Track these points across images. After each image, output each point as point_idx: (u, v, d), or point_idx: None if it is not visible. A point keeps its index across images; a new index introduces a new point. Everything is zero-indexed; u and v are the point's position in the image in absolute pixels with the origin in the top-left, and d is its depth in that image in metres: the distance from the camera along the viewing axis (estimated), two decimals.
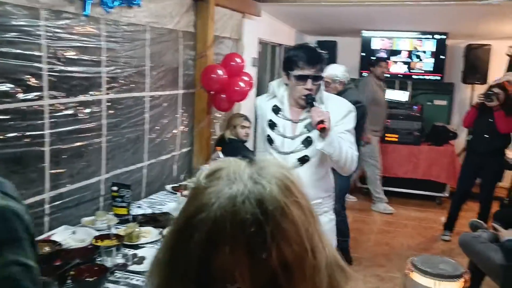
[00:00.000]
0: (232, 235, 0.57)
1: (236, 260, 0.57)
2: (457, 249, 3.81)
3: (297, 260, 0.59)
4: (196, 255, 0.58)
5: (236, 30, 4.53)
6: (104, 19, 2.78)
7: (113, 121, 2.95)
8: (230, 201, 0.59)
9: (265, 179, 0.62)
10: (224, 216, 0.58)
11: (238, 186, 0.60)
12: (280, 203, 0.60)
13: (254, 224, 0.57)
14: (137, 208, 2.98)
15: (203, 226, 0.58)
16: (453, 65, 6.39)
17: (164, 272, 0.64)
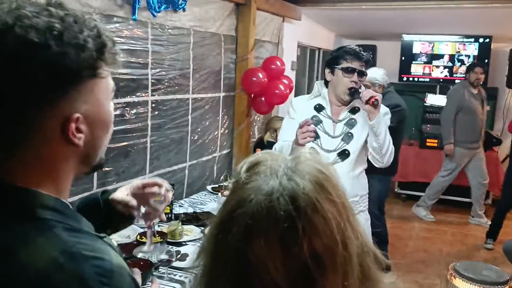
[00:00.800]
0: (267, 230, 0.62)
1: (270, 253, 0.61)
2: (500, 258, 3.72)
3: (328, 252, 0.63)
4: (234, 246, 0.63)
5: (276, 33, 4.57)
6: (151, 23, 2.87)
7: (157, 122, 3.03)
8: (266, 198, 0.63)
9: (299, 176, 0.65)
10: (260, 212, 0.62)
11: (273, 183, 0.65)
12: (312, 199, 0.63)
13: (287, 220, 0.61)
14: (179, 207, 3.04)
15: (242, 220, 0.63)
16: (497, 69, 6.23)
17: (208, 259, 0.69)
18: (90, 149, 0.82)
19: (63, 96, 0.74)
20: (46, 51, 0.71)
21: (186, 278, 2.12)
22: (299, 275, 0.62)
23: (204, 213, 2.94)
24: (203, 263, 0.70)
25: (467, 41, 6.21)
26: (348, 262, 0.65)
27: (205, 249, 0.70)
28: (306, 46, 5.88)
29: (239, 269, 0.63)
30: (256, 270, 0.62)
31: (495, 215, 4.84)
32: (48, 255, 0.72)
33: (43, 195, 0.76)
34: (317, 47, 6.23)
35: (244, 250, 0.62)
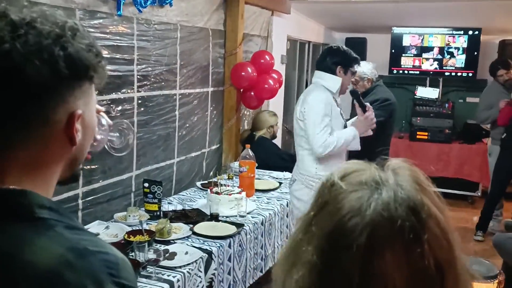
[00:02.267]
0: (393, 241, 0.59)
1: (396, 264, 0.58)
2: (490, 250, 3.73)
3: (449, 266, 0.61)
4: (358, 259, 0.59)
5: (265, 27, 4.53)
6: (137, 18, 2.82)
7: (144, 118, 2.99)
8: (385, 207, 0.60)
9: (406, 182, 0.63)
10: (381, 221, 0.59)
11: (388, 193, 0.61)
12: (430, 208, 0.61)
13: (411, 231, 0.59)
14: (167, 204, 3.01)
15: (362, 230, 0.59)
16: (486, 61, 6.22)
17: (316, 274, 0.62)
18: (79, 152, 0.82)
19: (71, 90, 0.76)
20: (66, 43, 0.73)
21: (175, 277, 2.10)
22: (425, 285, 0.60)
23: (193, 210, 2.92)
24: (307, 277, 0.63)
25: (456, 33, 6.21)
26: (463, 276, 0.63)
27: (307, 263, 0.63)
28: (296, 40, 5.84)
29: (364, 284, 0.59)
30: (382, 284, 0.58)
31: (485, 207, 4.87)
32: (56, 253, 0.71)
33: (39, 196, 0.76)
34: (307, 41, 6.20)
35: (369, 262, 0.59)
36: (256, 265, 2.85)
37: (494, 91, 5.02)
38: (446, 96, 6.55)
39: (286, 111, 5.87)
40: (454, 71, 6.30)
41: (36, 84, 0.72)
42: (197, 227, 2.60)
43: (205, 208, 2.91)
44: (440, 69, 6.36)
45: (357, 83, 4.24)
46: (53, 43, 0.72)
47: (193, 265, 2.22)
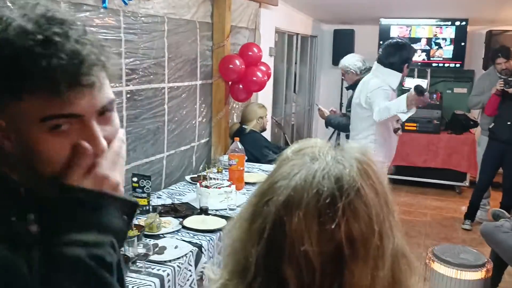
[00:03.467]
0: (307, 203, 0.63)
1: (307, 226, 0.62)
2: (478, 238, 3.78)
3: (363, 238, 0.64)
4: (273, 215, 0.65)
5: (252, 19, 4.51)
6: (123, 11, 2.79)
7: (132, 112, 2.97)
8: (311, 174, 0.65)
9: (346, 161, 0.67)
10: (302, 185, 0.64)
11: (320, 163, 0.67)
12: (357, 183, 0.65)
13: (328, 197, 0.63)
14: (157, 198, 3.00)
15: (284, 191, 0.65)
16: (473, 52, 6.28)
17: (243, 226, 0.70)
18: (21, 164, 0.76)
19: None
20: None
21: (165, 271, 2.09)
22: (331, 255, 0.63)
23: (183, 204, 2.91)
24: (239, 229, 0.71)
25: (443, 24, 6.23)
26: (381, 255, 0.65)
27: (241, 217, 0.71)
28: (284, 32, 5.83)
29: (274, 238, 0.64)
30: (290, 241, 0.63)
31: (473, 196, 4.92)
32: None
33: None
34: (295, 33, 6.19)
35: (282, 219, 0.64)
36: None
37: (489, 78, 5.02)
38: (434, 87, 6.58)
39: (275, 104, 5.87)
40: (441, 62, 6.33)
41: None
42: (186, 221, 2.59)
43: (194, 202, 2.90)
44: (428, 60, 6.39)
45: (345, 75, 4.30)
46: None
47: (183, 259, 2.22)
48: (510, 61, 4.83)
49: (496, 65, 4.90)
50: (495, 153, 4.67)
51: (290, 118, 6.59)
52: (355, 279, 0.63)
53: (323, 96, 7.20)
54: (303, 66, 6.81)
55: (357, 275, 0.63)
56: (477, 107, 5.17)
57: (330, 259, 0.63)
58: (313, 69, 7.08)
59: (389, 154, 3.55)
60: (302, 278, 0.63)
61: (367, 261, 0.64)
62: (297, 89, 6.71)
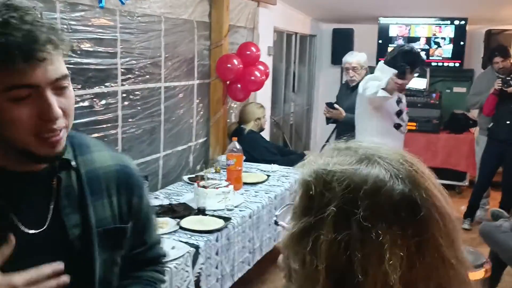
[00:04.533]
0: (394, 212, 0.60)
1: (392, 235, 0.59)
2: (478, 238, 3.75)
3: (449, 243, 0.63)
4: (356, 229, 0.60)
5: (251, 19, 4.49)
6: (119, 10, 2.77)
7: (128, 112, 2.95)
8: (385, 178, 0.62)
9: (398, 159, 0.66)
10: (381, 189, 0.61)
11: (388, 165, 0.64)
12: (423, 178, 0.64)
13: (409, 205, 0.61)
14: (154, 199, 2.98)
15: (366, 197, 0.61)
16: (473, 51, 6.25)
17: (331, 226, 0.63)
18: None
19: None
20: None
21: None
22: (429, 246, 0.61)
23: (180, 204, 2.89)
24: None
25: (443, 23, 6.21)
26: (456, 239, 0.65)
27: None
28: (283, 31, 5.81)
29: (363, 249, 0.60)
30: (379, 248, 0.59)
31: (472, 196, 4.90)
32: None
33: None
34: (294, 32, 6.17)
35: (368, 227, 0.59)
36: (244, 259, 2.83)
37: (487, 77, 4.99)
38: (433, 86, 6.56)
39: (274, 104, 5.85)
40: (441, 61, 6.30)
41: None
42: (184, 222, 2.58)
43: (192, 202, 2.88)
44: (427, 59, 6.35)
45: (357, 71, 4.29)
46: None
47: (180, 260, 2.20)
48: (507, 60, 4.81)
49: (493, 64, 4.88)
50: (494, 152, 4.65)
51: (289, 117, 6.57)
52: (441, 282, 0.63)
53: (322, 95, 7.17)
54: (302, 65, 6.79)
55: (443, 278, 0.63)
56: (476, 106, 5.15)
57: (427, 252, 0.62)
58: (312, 69, 7.07)
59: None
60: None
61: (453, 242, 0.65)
62: (296, 89, 6.69)
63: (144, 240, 1.19)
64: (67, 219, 0.99)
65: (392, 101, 3.35)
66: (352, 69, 4.28)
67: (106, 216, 1.06)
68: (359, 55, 4.38)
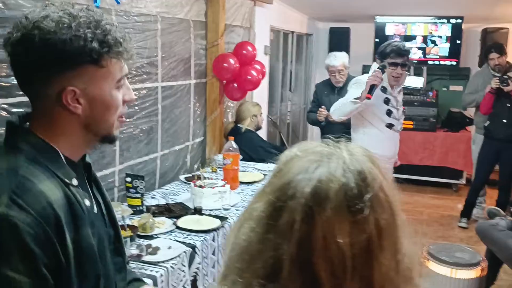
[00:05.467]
0: (336, 194, 0.63)
1: (338, 217, 0.62)
2: (475, 236, 3.77)
3: (389, 229, 0.65)
4: (302, 206, 0.63)
5: (247, 18, 4.49)
6: (115, 10, 2.77)
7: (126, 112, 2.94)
8: (332, 167, 0.65)
9: (360, 156, 0.68)
10: (328, 177, 0.64)
11: (338, 159, 0.67)
12: (378, 176, 0.66)
13: (355, 189, 0.63)
14: (151, 198, 2.98)
15: (308, 183, 0.64)
16: (469, 49, 6.27)
17: (264, 226, 0.67)
18: (91, 120, 1.05)
19: (62, 72, 0.99)
20: (54, 35, 0.96)
21: (158, 272, 2.08)
22: (362, 246, 0.63)
23: (177, 204, 2.88)
24: (254, 231, 0.68)
25: (439, 22, 6.23)
26: (401, 248, 0.66)
27: (255, 218, 0.68)
28: (279, 30, 5.82)
29: (306, 231, 0.63)
30: (322, 233, 0.62)
31: (469, 194, 4.92)
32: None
33: (38, 140, 1.02)
34: (291, 31, 6.17)
35: (312, 210, 0.62)
36: None
37: (482, 76, 5.01)
38: (430, 84, 6.58)
39: (271, 103, 5.86)
40: (437, 59, 6.33)
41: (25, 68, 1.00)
42: (180, 221, 2.58)
43: (188, 201, 2.88)
44: (424, 58, 6.38)
45: (342, 73, 4.30)
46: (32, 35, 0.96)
47: (176, 260, 2.20)
48: (503, 56, 4.83)
49: (489, 61, 4.90)
50: (491, 151, 4.66)
51: (286, 117, 6.58)
52: (383, 270, 0.64)
53: None
54: (298, 64, 6.80)
55: (385, 267, 0.64)
56: (472, 105, 5.17)
57: (360, 250, 0.63)
58: (308, 68, 7.07)
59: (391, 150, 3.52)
60: (334, 271, 0.62)
61: (393, 253, 0.65)
62: (292, 88, 6.69)
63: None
64: (102, 199, 1.20)
65: (379, 102, 3.28)
66: (338, 72, 4.29)
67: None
68: (342, 57, 4.32)
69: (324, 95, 4.41)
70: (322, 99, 4.41)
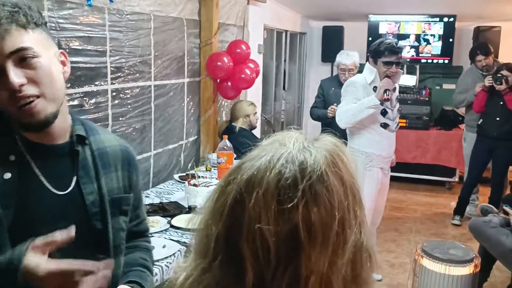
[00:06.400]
0: (268, 182, 0.64)
1: (265, 203, 0.63)
2: (468, 234, 3.79)
3: (322, 223, 0.64)
4: (234, 192, 0.66)
5: (241, 16, 4.49)
6: (108, 8, 2.75)
7: (118, 111, 2.93)
8: (276, 156, 0.67)
9: (314, 148, 0.68)
10: (266, 166, 0.66)
11: (287, 148, 0.68)
12: (321, 168, 0.65)
13: (290, 178, 0.64)
14: (145, 197, 2.97)
15: (248, 170, 0.67)
16: (461, 48, 6.30)
17: (209, 206, 0.71)
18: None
19: None
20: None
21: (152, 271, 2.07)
22: (287, 236, 0.63)
23: (171, 203, 2.88)
24: (205, 210, 0.72)
25: (432, 20, 6.25)
26: (341, 244, 0.65)
27: (209, 198, 0.72)
28: (273, 29, 5.81)
29: (234, 214, 0.65)
30: (248, 218, 0.64)
31: (462, 192, 4.94)
32: None
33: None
34: (284, 30, 6.17)
35: (242, 196, 0.65)
36: None
37: (471, 75, 5.05)
38: (423, 83, 6.61)
39: (265, 101, 5.86)
40: (430, 58, 6.35)
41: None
42: (174, 220, 2.57)
43: (183, 200, 2.88)
44: (417, 56, 6.40)
45: (352, 72, 4.34)
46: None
47: (171, 259, 2.20)
48: (489, 57, 4.87)
49: (476, 62, 4.94)
50: (484, 149, 4.69)
51: (280, 115, 6.58)
52: (312, 263, 0.63)
53: (313, 93, 7.17)
54: (292, 63, 6.80)
55: (314, 260, 0.63)
56: (462, 104, 5.19)
57: (285, 240, 0.63)
58: (302, 66, 7.08)
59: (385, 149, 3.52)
60: (257, 256, 0.63)
61: (326, 247, 0.64)
62: (286, 87, 6.70)
63: (138, 214, 1.38)
64: (84, 187, 1.16)
65: None
66: (349, 70, 4.35)
67: (114, 187, 1.23)
68: (354, 56, 4.40)
69: (332, 91, 4.47)
70: (328, 94, 4.49)
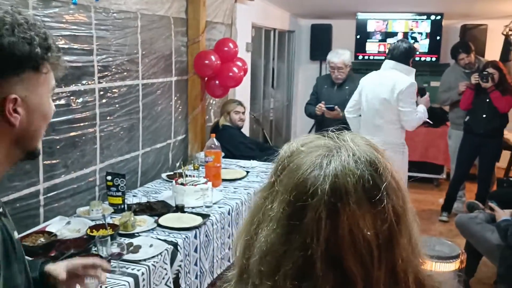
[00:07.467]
0: (355, 187, 0.63)
1: (360, 209, 0.63)
2: (455, 230, 3.82)
3: (404, 215, 0.66)
4: (325, 203, 0.63)
5: (228, 15, 4.48)
6: (94, 7, 2.74)
7: (106, 110, 2.92)
8: (344, 160, 0.66)
9: (363, 145, 0.69)
10: (342, 171, 0.64)
11: (347, 150, 0.67)
12: (388, 165, 0.67)
13: (371, 180, 0.64)
14: (132, 197, 2.97)
15: (325, 179, 0.64)
16: (449, 45, 6.30)
17: (285, 228, 0.66)
18: (25, 132, 0.95)
19: (5, 77, 0.90)
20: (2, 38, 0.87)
21: (139, 270, 2.07)
22: (386, 235, 0.64)
23: (158, 202, 2.87)
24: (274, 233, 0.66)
25: (419, 18, 6.29)
26: (412, 234, 0.67)
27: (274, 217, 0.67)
28: (261, 27, 5.81)
29: (332, 227, 0.63)
30: (349, 227, 0.62)
31: (449, 188, 4.99)
32: None
33: None
34: (272, 28, 6.17)
35: (336, 206, 0.63)
36: (223, 255, 2.84)
37: (454, 73, 5.10)
38: None
39: (254, 100, 5.85)
40: (418, 55, 6.37)
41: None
42: (162, 219, 2.57)
43: (170, 199, 2.87)
44: None
45: (341, 70, 4.36)
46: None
47: (158, 258, 2.19)
48: (471, 54, 4.92)
49: (458, 61, 5.00)
50: (471, 145, 4.73)
51: (269, 113, 6.58)
52: (404, 255, 0.65)
53: (302, 91, 7.21)
54: (280, 61, 6.81)
55: (405, 251, 0.66)
56: (447, 103, 5.24)
57: (384, 239, 0.64)
58: (291, 64, 7.09)
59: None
60: (363, 262, 0.63)
61: (409, 237, 0.67)
62: (275, 85, 6.70)
63: None
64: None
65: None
66: (337, 69, 4.38)
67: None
68: (343, 54, 4.42)
69: (324, 89, 4.50)
70: (321, 92, 4.53)
